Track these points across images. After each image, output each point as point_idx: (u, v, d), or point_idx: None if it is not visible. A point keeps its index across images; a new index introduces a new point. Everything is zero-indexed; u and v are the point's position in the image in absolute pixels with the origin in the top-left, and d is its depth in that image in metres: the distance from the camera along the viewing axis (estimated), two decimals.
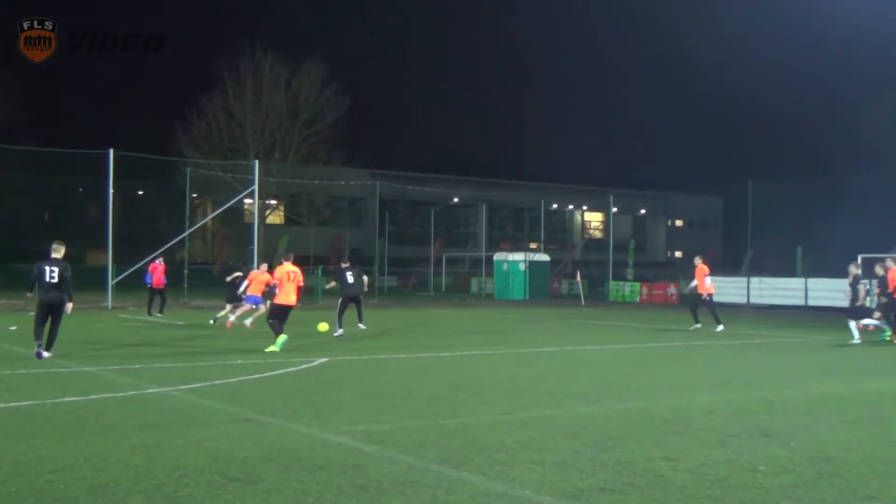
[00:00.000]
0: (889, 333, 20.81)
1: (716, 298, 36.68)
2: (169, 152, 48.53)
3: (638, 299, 44.54)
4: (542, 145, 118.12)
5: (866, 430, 9.32)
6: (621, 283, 47.41)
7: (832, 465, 7.59)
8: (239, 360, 15.33)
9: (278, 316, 17.28)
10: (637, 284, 46.46)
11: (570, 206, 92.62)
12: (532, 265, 47.59)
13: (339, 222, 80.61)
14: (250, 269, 25.25)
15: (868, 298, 22.58)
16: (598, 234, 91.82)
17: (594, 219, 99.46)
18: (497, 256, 49.93)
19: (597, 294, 47.80)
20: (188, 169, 41.18)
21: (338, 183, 60.65)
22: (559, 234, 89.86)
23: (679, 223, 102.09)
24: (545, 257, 49.80)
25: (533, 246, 62.67)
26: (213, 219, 61.33)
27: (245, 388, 12.07)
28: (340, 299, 21.22)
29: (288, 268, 17.54)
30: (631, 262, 53.70)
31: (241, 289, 23.08)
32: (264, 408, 10.19)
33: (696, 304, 24.79)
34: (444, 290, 56.20)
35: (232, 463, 7.40)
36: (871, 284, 22.83)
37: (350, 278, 21.17)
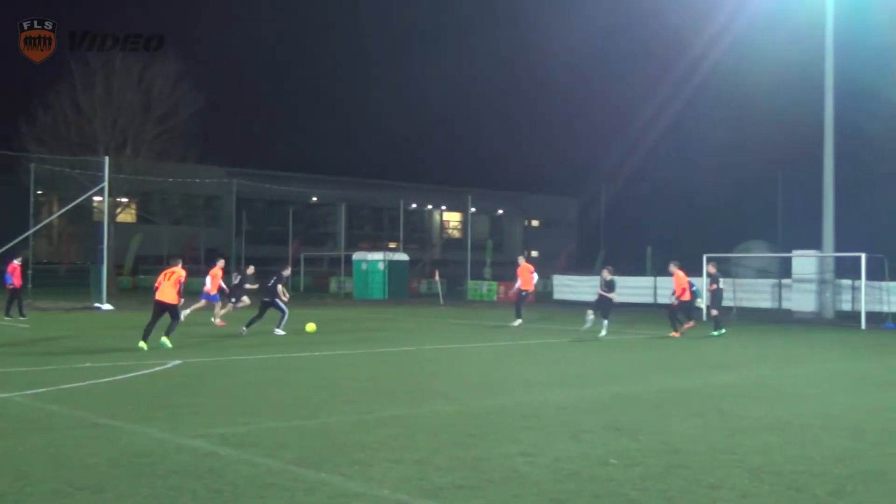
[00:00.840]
0: (721, 331, 22.09)
1: (571, 297, 37.54)
2: (12, 147, 46.27)
3: (495, 298, 45.22)
4: (401, 144, 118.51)
5: (710, 421, 9.75)
6: (479, 281, 48.06)
7: (679, 456, 7.90)
8: (88, 363, 14.77)
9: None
10: (494, 283, 47.16)
11: (429, 206, 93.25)
12: (391, 265, 47.66)
13: (194, 221, 78.60)
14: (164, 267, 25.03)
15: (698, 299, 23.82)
16: (456, 234, 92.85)
17: (453, 218, 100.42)
18: (356, 256, 49.78)
19: (455, 293, 48.30)
20: (32, 165, 39.35)
21: (193, 181, 59.14)
22: (418, 233, 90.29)
23: (535, 223, 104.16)
24: (404, 257, 49.97)
25: (392, 245, 62.83)
26: (60, 217, 58.84)
27: (95, 391, 11.64)
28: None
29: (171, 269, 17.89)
30: (489, 261, 54.49)
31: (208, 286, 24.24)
32: (115, 412, 9.85)
33: (521, 303, 25.40)
34: (302, 289, 55.65)
35: (79, 470, 7.12)
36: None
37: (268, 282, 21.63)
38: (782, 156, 45.55)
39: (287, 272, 22.74)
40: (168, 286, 17.43)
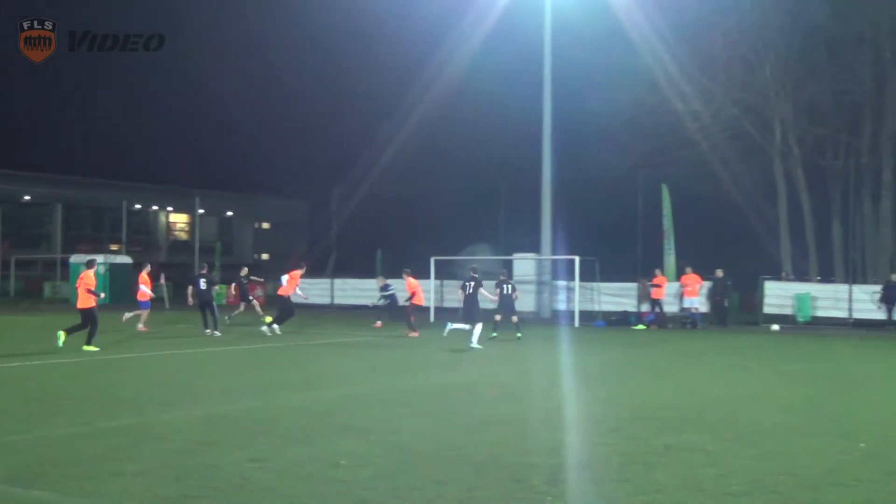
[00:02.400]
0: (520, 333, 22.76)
1: (301, 300, 37.46)
2: None
3: (224, 301, 44.19)
4: (125, 142, 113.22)
5: (438, 419, 10.05)
6: None
7: (408, 454, 8.09)
8: None
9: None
10: (224, 286, 46.11)
11: (155, 207, 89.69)
12: (113, 267, 45.45)
13: None
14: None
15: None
16: (183, 236, 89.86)
17: (180, 220, 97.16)
18: (74, 259, 47.01)
19: (183, 296, 46.62)
20: None
21: None
22: (143, 235, 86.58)
23: (266, 225, 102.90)
24: (127, 259, 47.84)
25: (114, 248, 59.84)
26: None
27: None
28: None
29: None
30: (218, 264, 53.19)
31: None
32: None
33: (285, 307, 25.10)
34: (12, 294, 51.76)
35: None
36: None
37: (202, 285, 22.27)
38: (505, 164, 47.84)
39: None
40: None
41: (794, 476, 7.37)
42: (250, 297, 28.55)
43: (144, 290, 25.26)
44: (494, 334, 22.26)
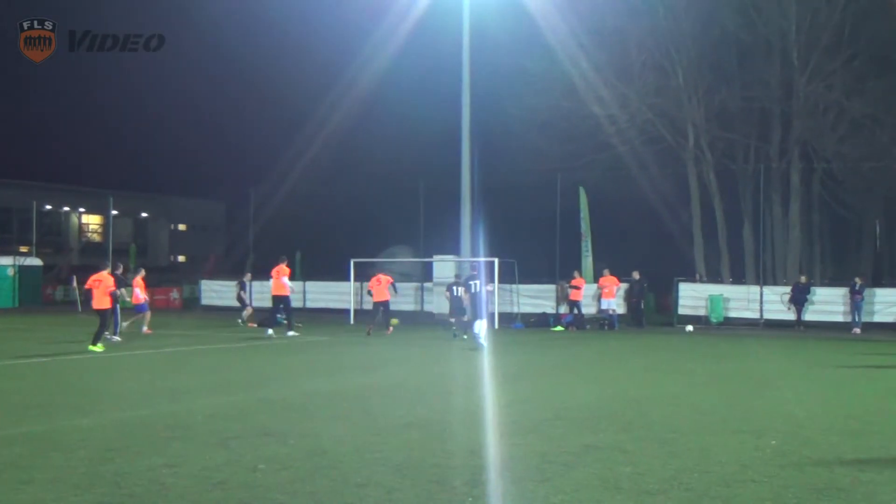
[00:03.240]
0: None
1: (219, 302, 36.91)
2: None
3: (132, 302, 43.28)
4: (34, 141, 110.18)
5: (356, 422, 9.99)
6: (123, 288, 45.72)
7: (327, 457, 8.01)
8: None
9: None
10: (130, 288, 45.11)
11: (66, 208, 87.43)
12: (22, 270, 44.16)
13: None
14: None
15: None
16: (97, 238, 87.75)
17: (92, 221, 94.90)
18: None
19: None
20: None
21: None
22: (53, 236, 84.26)
23: (182, 227, 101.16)
24: (37, 262, 46.54)
25: (23, 249, 58.07)
26: None
27: None
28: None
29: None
30: (133, 266, 52.06)
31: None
32: None
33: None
34: None
35: None
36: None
37: None
38: (424, 166, 47.89)
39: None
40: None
41: (708, 473, 7.52)
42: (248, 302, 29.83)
43: (138, 293, 25.54)
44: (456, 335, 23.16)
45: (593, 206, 36.28)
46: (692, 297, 30.52)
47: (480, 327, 20.32)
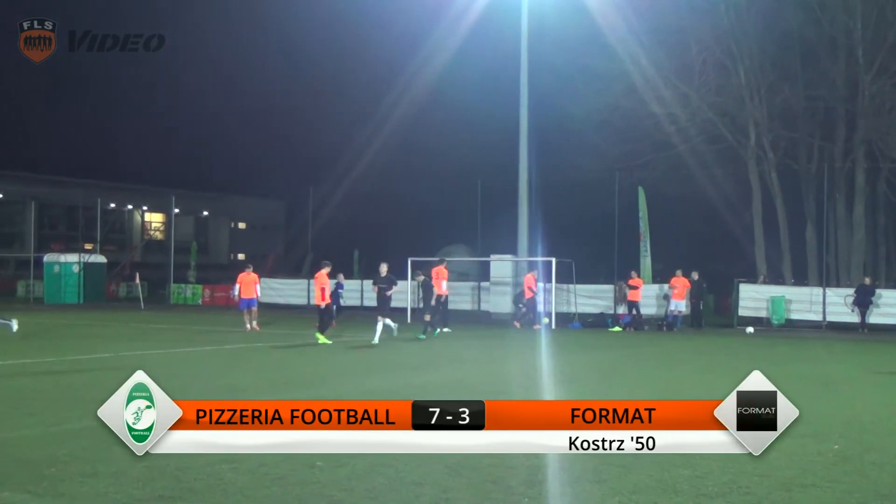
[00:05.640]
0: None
1: (279, 300, 37.28)
2: None
3: (200, 302, 44.03)
4: (99, 141, 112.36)
5: None
6: (183, 285, 46.53)
7: (383, 455, 8.02)
8: None
9: None
10: (199, 287, 45.88)
11: (130, 206, 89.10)
12: (87, 267, 45.11)
13: None
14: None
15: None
16: (158, 236, 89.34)
17: (155, 219, 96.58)
18: (47, 258, 46.60)
19: (158, 297, 46.46)
20: None
21: None
22: (117, 234, 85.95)
23: (242, 226, 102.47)
24: (101, 259, 47.47)
25: (88, 247, 59.35)
26: None
27: None
28: None
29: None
30: (193, 263, 52.94)
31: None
32: None
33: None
34: None
35: None
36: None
37: None
38: (482, 164, 47.88)
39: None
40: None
41: (768, 477, 7.41)
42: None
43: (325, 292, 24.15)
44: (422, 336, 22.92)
45: (652, 206, 35.94)
46: (753, 298, 30.06)
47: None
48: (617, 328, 28.55)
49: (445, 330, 25.40)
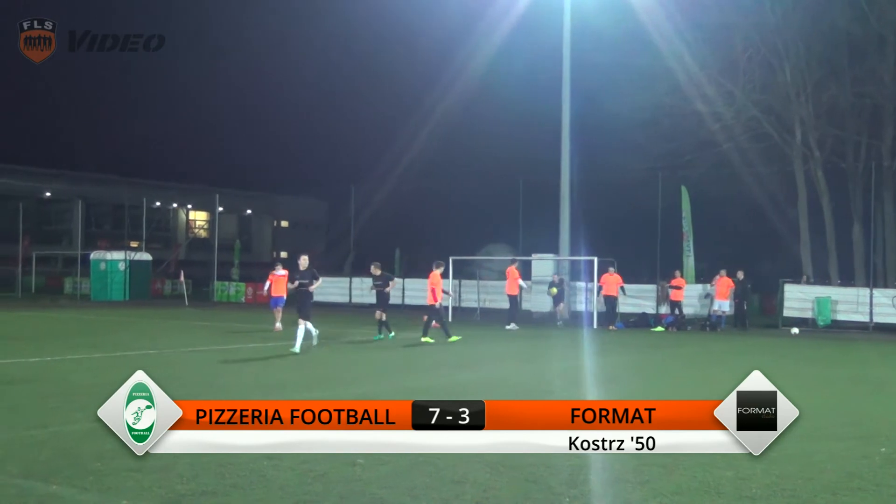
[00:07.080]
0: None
1: (320, 298, 37.52)
2: None
3: (243, 299, 44.40)
4: (145, 140, 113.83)
5: None
6: (226, 283, 46.97)
7: (424, 454, 8.04)
8: None
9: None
10: (242, 285, 46.27)
11: (174, 205, 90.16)
12: (133, 264, 45.70)
13: None
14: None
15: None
16: (202, 234, 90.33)
17: (199, 218, 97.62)
18: (94, 255, 47.29)
19: (201, 294, 46.96)
20: None
21: None
22: (162, 232, 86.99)
23: (284, 224, 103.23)
24: (147, 256, 48.06)
25: (134, 245, 60.15)
26: None
27: None
28: None
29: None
30: (236, 261, 53.41)
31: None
32: None
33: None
34: (33, 290, 52.13)
35: None
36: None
37: None
38: (524, 163, 47.78)
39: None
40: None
41: (812, 480, 7.31)
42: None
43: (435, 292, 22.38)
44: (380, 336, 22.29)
45: (695, 205, 35.61)
46: (798, 298, 29.65)
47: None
48: (659, 328, 28.33)
49: (513, 326, 26.62)
